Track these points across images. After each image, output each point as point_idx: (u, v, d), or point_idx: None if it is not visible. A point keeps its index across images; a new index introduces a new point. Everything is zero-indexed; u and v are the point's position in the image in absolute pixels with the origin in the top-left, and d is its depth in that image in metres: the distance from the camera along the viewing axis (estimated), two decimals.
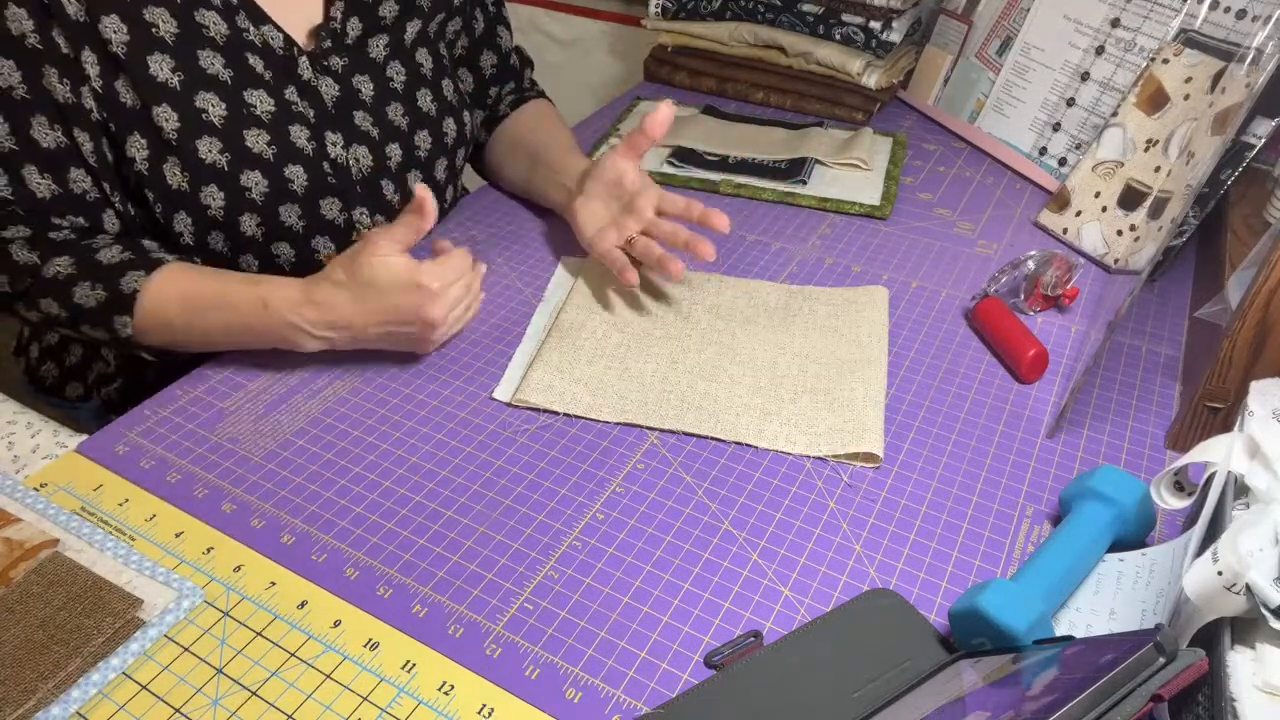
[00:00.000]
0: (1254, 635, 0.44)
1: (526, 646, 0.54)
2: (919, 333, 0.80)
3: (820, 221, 0.96)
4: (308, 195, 0.78)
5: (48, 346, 0.92)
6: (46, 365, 0.92)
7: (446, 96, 0.88)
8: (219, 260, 0.78)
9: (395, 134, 0.84)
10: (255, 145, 0.74)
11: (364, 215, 0.82)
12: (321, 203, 0.79)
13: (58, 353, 0.92)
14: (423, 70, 0.86)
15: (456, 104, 0.90)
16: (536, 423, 0.70)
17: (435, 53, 0.88)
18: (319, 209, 0.79)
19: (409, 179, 0.85)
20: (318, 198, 0.79)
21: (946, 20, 1.14)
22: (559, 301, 0.82)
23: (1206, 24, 0.88)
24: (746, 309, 0.81)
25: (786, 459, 0.67)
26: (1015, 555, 0.60)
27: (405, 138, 0.84)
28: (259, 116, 0.75)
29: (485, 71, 0.99)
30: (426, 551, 0.59)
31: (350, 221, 0.81)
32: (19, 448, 0.66)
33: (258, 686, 0.51)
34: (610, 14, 1.54)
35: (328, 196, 0.79)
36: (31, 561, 0.56)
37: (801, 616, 0.56)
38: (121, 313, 0.70)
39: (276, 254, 0.79)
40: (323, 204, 0.79)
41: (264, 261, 0.79)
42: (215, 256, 0.78)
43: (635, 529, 0.61)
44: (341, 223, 0.81)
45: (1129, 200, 0.89)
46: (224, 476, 0.64)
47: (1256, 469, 0.50)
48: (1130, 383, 0.76)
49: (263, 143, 0.75)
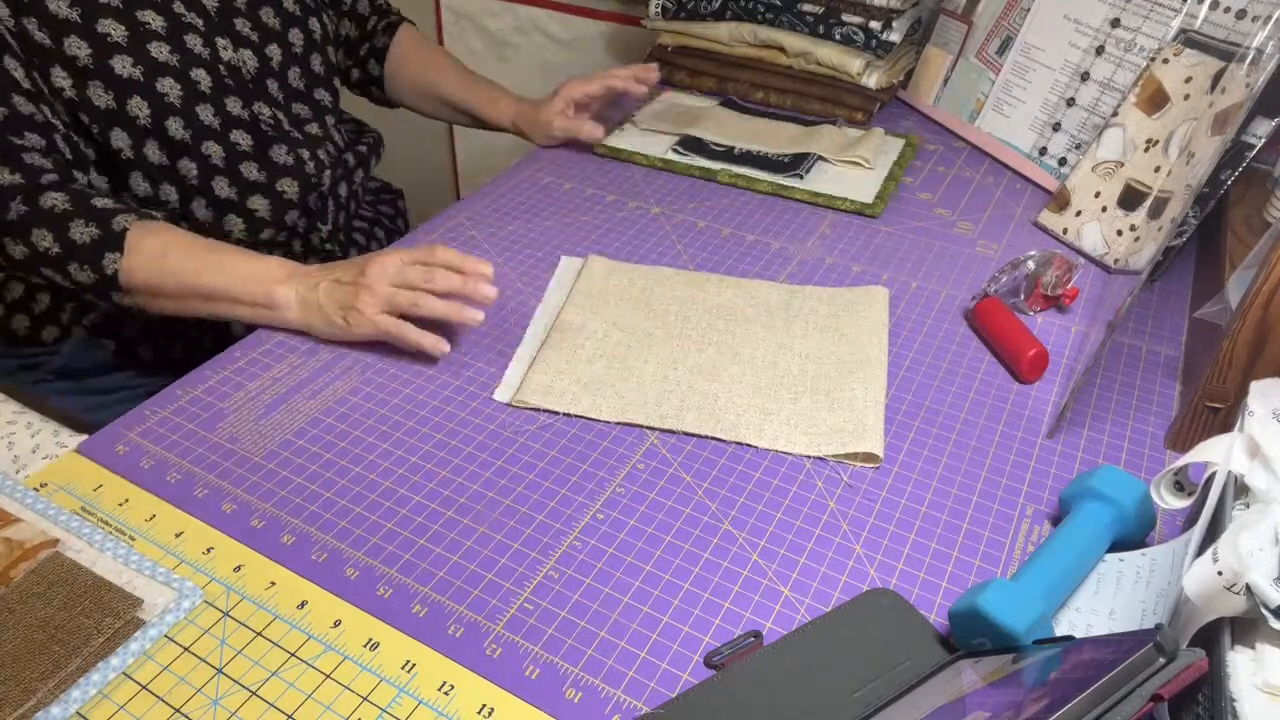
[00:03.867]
0: (1254, 635, 0.44)
1: (526, 646, 0.54)
2: (919, 333, 0.80)
3: (820, 221, 0.96)
4: (214, 95, 0.85)
5: (13, 301, 0.93)
6: (17, 318, 0.93)
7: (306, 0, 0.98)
8: (161, 171, 0.85)
9: (271, 35, 0.92)
10: (160, 55, 0.82)
11: (263, 109, 0.90)
12: (226, 101, 0.86)
13: (25, 304, 0.93)
14: None
15: (315, 6, 1.00)
16: (536, 423, 0.70)
17: None
18: (226, 107, 0.86)
19: (290, 75, 0.94)
20: (223, 97, 0.86)
21: (946, 20, 1.14)
22: (559, 302, 0.82)
23: (1206, 24, 0.88)
24: (746, 309, 0.81)
25: (786, 459, 0.67)
26: (1015, 555, 0.60)
27: (280, 37, 0.93)
28: (156, 31, 0.82)
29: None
30: (426, 551, 0.59)
31: (254, 115, 0.89)
32: (19, 448, 0.66)
33: (258, 686, 0.51)
34: (610, 14, 1.54)
35: (230, 95, 0.87)
36: (31, 561, 0.56)
37: (801, 616, 0.56)
38: (111, 249, 0.74)
39: (208, 154, 0.86)
40: (228, 102, 0.86)
41: (201, 164, 0.86)
42: (155, 170, 0.84)
43: (635, 529, 0.61)
44: (247, 117, 0.88)
45: (1129, 200, 0.89)
46: (224, 476, 0.64)
47: (1256, 469, 0.50)
48: (1130, 383, 0.76)
49: (165, 52, 0.82)
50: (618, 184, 1.02)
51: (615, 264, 0.87)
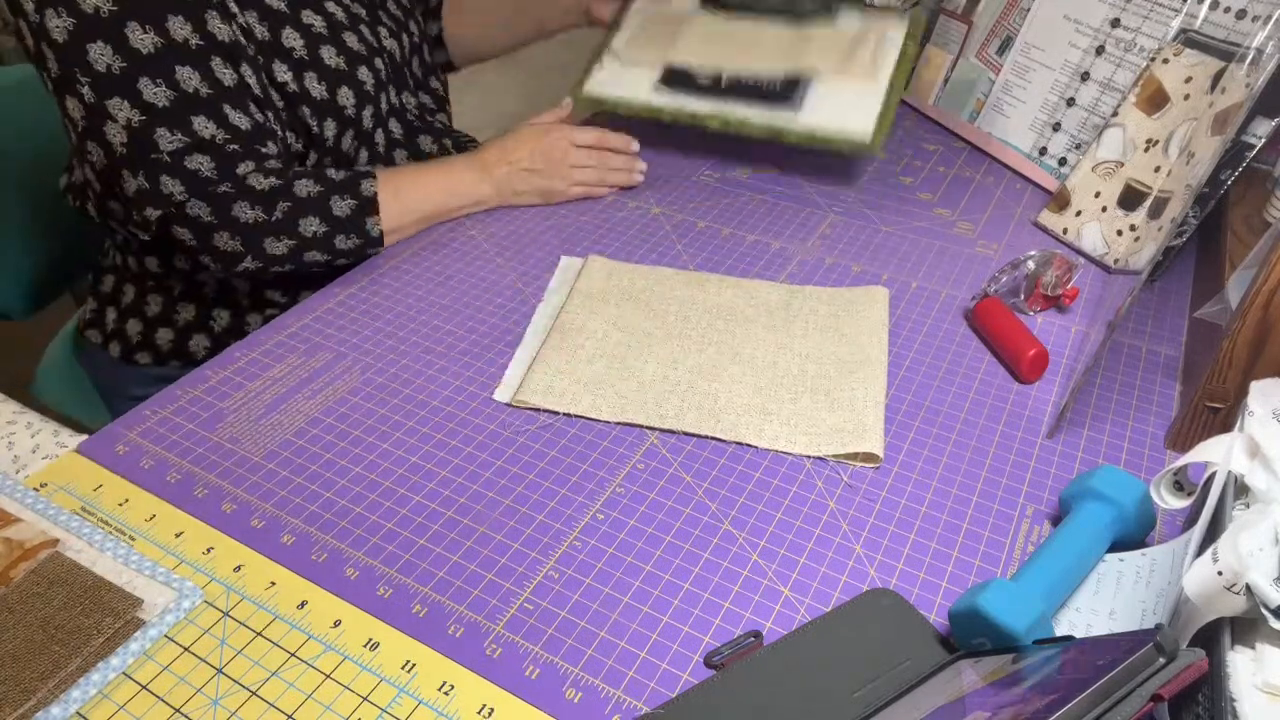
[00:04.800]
0: (1254, 635, 0.44)
1: (526, 646, 0.54)
2: (919, 333, 0.80)
3: (820, 221, 0.96)
4: (377, 87, 0.91)
5: (152, 317, 0.93)
6: (160, 331, 0.93)
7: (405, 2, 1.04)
8: (344, 160, 0.91)
9: (401, 26, 0.99)
10: (353, 45, 0.87)
11: (408, 98, 0.99)
12: (389, 90, 0.94)
13: (168, 316, 0.93)
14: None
15: (410, 5, 1.05)
16: (536, 423, 0.70)
17: None
18: (391, 95, 0.94)
19: (413, 63, 1.02)
20: (386, 86, 0.93)
21: (946, 20, 1.14)
22: (559, 302, 0.82)
23: (1206, 24, 0.88)
24: (746, 309, 0.81)
25: (786, 459, 0.67)
26: (1015, 555, 0.60)
27: (405, 28, 1.00)
28: (341, 21, 0.88)
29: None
30: (426, 551, 0.59)
31: (402, 104, 0.98)
32: (19, 448, 0.66)
33: (258, 686, 0.51)
34: None
35: (392, 85, 0.94)
36: (31, 561, 0.56)
37: (801, 616, 0.56)
38: (370, 214, 0.83)
39: (378, 142, 0.94)
40: (390, 91, 0.94)
41: (371, 153, 0.93)
42: (342, 156, 0.90)
43: (635, 529, 0.61)
44: (398, 105, 0.97)
45: (1129, 200, 0.89)
46: (224, 476, 0.64)
47: (1256, 469, 0.50)
48: (1130, 383, 0.76)
49: (355, 41, 0.88)
50: None
51: (615, 264, 0.87)
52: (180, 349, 0.93)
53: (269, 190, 0.79)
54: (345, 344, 0.77)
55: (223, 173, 0.77)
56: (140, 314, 0.93)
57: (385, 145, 0.95)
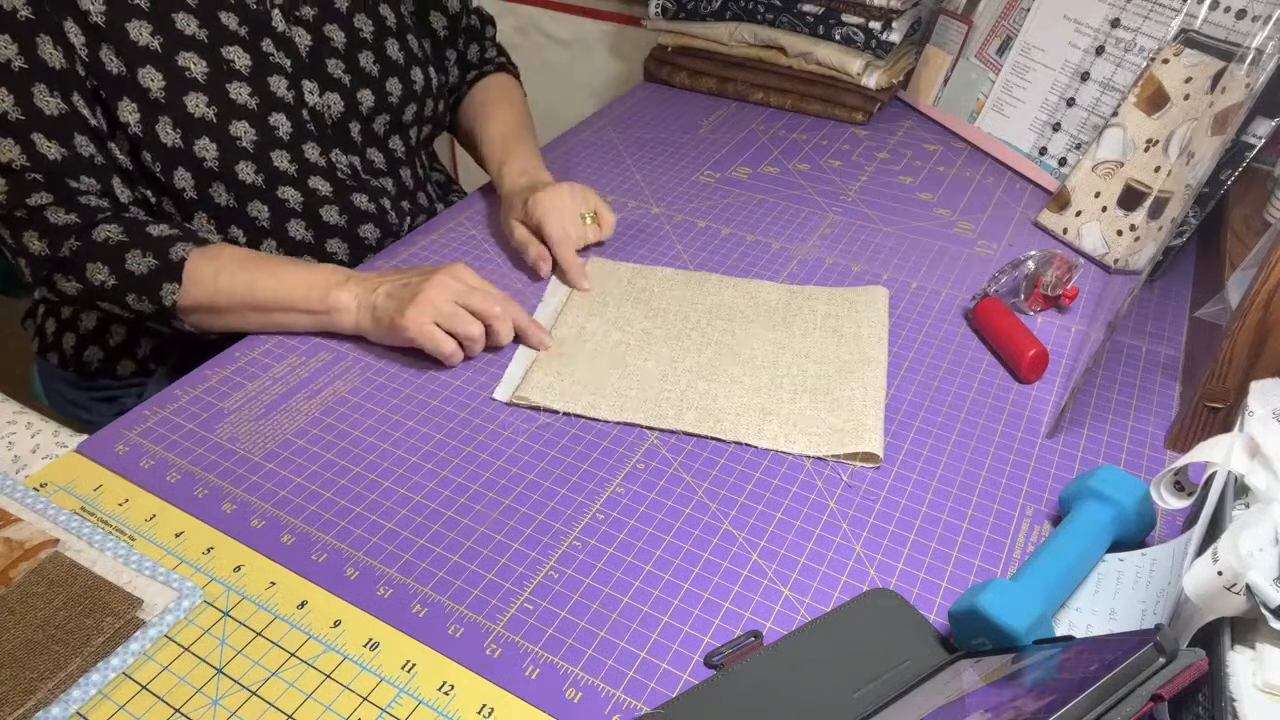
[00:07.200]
0: (1254, 635, 0.44)
1: (526, 646, 0.54)
2: (919, 333, 0.80)
3: (820, 221, 0.96)
4: (293, 141, 0.82)
5: (86, 332, 0.92)
6: (89, 350, 0.92)
7: (413, 49, 0.93)
8: (228, 213, 0.82)
9: (367, 80, 0.88)
10: (239, 97, 0.79)
11: (339, 156, 0.88)
12: (304, 147, 0.84)
13: (99, 335, 0.92)
14: (387, 22, 0.91)
15: (423, 57, 0.95)
16: (536, 423, 0.70)
17: (395, 7, 0.93)
18: (304, 153, 0.84)
19: (377, 122, 0.91)
20: (301, 143, 0.83)
21: (946, 20, 1.14)
22: (559, 302, 0.82)
23: (1206, 24, 0.88)
24: (746, 309, 0.81)
25: (786, 459, 0.67)
26: (1015, 555, 0.60)
27: (376, 84, 0.89)
28: (239, 70, 0.79)
29: (439, 33, 1.01)
30: (426, 551, 0.59)
31: (330, 163, 0.86)
32: (19, 448, 0.66)
33: (258, 686, 0.51)
34: (610, 14, 1.54)
35: (308, 141, 0.84)
36: (31, 561, 0.56)
37: (801, 616, 0.56)
38: (170, 279, 0.74)
39: (284, 198, 0.84)
40: (305, 148, 0.84)
41: (274, 208, 0.84)
42: (222, 212, 0.82)
43: (635, 529, 0.61)
44: (325, 164, 0.86)
45: (1129, 200, 0.89)
46: (224, 476, 0.64)
47: (1256, 469, 0.50)
48: (1130, 383, 0.76)
49: (245, 94, 0.79)
50: (618, 184, 1.02)
51: (615, 264, 0.87)
52: (109, 368, 0.92)
53: (61, 226, 0.73)
54: (345, 344, 0.77)
55: (13, 200, 0.73)
56: (75, 328, 0.92)
57: (303, 201, 0.84)
